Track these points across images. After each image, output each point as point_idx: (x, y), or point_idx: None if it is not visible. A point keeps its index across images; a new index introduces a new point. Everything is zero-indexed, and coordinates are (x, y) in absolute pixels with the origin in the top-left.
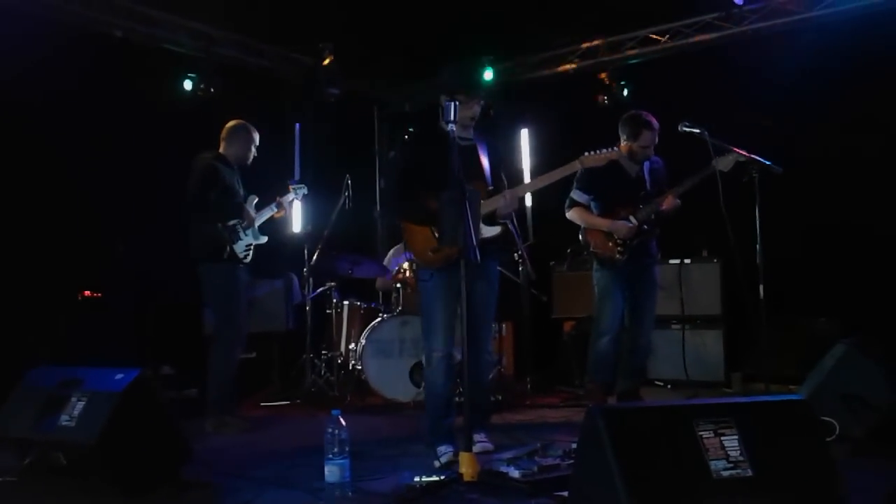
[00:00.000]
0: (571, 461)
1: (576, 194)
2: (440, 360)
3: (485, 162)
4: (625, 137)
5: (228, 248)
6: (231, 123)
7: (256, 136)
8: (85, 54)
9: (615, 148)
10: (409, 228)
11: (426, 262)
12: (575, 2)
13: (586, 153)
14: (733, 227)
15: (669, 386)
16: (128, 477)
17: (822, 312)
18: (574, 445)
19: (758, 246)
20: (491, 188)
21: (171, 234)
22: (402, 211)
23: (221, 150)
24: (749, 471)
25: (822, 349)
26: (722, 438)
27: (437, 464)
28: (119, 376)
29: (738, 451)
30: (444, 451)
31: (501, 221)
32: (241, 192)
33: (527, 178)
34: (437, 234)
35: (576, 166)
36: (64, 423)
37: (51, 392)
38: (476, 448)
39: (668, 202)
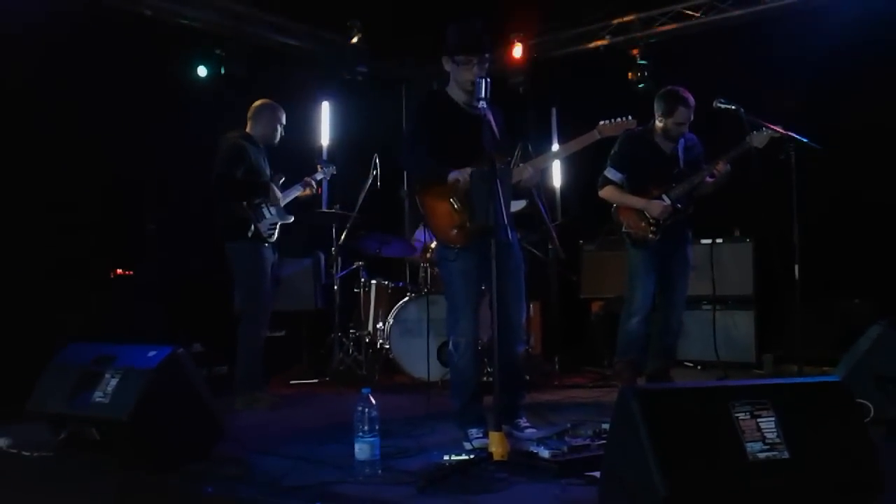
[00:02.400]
0: (602, 441)
1: (609, 172)
2: (467, 346)
3: (497, 132)
4: (660, 114)
5: (253, 227)
6: (257, 103)
7: (283, 116)
8: (115, 33)
9: (630, 117)
10: (428, 204)
11: (449, 240)
12: None
13: (602, 122)
14: (766, 205)
15: (699, 367)
16: (160, 453)
17: (857, 293)
18: (604, 426)
19: (794, 225)
20: (509, 159)
21: (201, 213)
22: (411, 164)
23: (248, 129)
24: (786, 453)
25: (856, 330)
26: (758, 420)
27: (468, 446)
28: (152, 353)
29: (775, 433)
30: (476, 435)
31: (530, 193)
32: (268, 171)
33: None
34: (456, 207)
35: (594, 136)
36: (98, 400)
37: (85, 368)
38: (525, 434)
39: (720, 167)
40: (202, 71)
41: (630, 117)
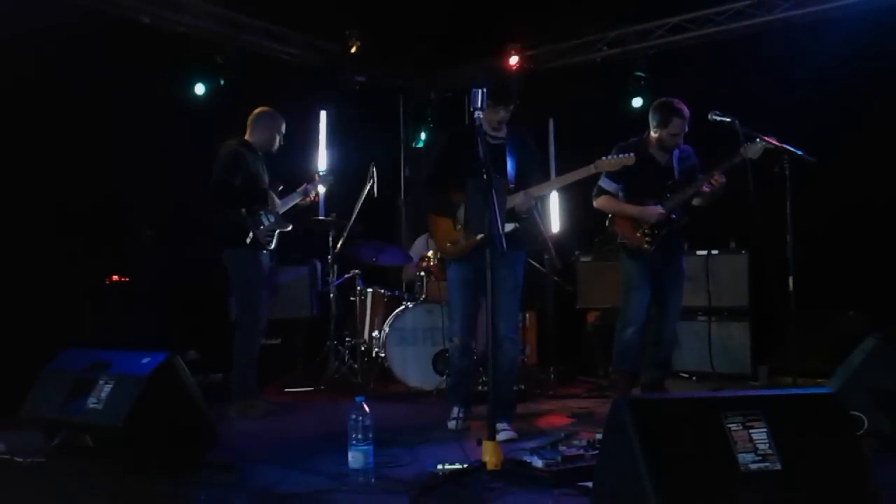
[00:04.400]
0: (595, 451)
1: (604, 182)
2: (456, 347)
3: (509, 161)
4: (654, 125)
5: (251, 234)
6: (257, 110)
7: (282, 124)
8: (113, 41)
9: (631, 154)
10: (433, 220)
11: (445, 253)
12: None
13: (603, 158)
14: (763, 217)
15: (694, 378)
16: (154, 459)
17: (852, 306)
18: (598, 436)
19: (788, 237)
20: (512, 186)
21: (199, 220)
22: (430, 203)
23: (247, 136)
24: (778, 464)
25: (851, 343)
26: (750, 431)
27: (449, 424)
28: (146, 360)
29: (767, 444)
30: (457, 413)
31: (524, 216)
32: (266, 178)
33: (552, 167)
34: (458, 226)
35: (590, 170)
36: (91, 406)
37: (79, 375)
38: (500, 436)
39: (715, 177)
40: (200, 87)
41: (631, 154)
